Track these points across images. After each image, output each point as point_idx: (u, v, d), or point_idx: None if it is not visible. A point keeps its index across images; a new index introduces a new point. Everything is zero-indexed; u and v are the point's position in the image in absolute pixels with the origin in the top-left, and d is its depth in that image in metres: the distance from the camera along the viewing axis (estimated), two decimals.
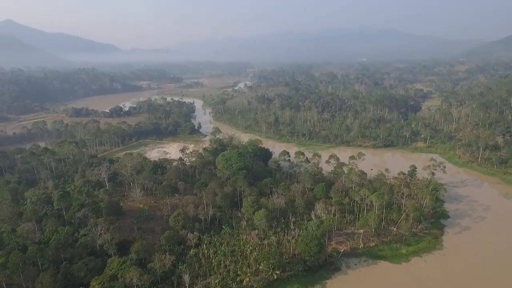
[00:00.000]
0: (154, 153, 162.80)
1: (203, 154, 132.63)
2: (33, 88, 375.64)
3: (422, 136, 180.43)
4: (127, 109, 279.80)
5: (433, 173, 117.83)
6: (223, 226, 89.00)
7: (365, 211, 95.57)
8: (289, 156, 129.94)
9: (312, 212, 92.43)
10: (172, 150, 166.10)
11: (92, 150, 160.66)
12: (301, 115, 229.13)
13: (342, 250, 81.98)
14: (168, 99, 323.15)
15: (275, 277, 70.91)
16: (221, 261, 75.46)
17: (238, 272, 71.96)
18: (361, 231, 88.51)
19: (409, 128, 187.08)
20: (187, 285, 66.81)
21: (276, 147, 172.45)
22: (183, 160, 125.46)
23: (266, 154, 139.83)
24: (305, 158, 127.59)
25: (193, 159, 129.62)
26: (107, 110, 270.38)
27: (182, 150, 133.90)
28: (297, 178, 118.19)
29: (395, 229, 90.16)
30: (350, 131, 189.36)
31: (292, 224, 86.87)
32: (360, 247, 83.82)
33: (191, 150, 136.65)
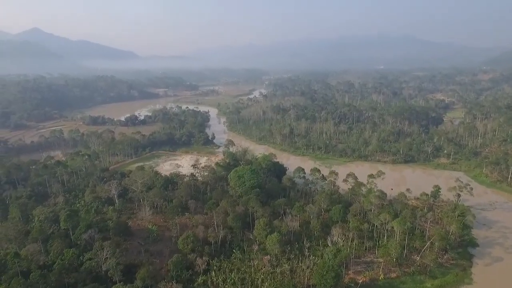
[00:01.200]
0: (166, 166, 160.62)
1: (215, 169, 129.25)
2: (54, 95, 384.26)
3: (445, 151, 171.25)
4: (142, 117, 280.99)
5: (459, 195, 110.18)
6: (234, 250, 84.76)
7: (385, 237, 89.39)
8: (304, 173, 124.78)
9: (328, 237, 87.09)
10: (184, 163, 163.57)
11: (105, 161, 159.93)
12: (317, 127, 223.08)
13: (361, 281, 76.08)
14: (183, 107, 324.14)
15: None
16: None
17: None
18: (381, 260, 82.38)
19: (431, 143, 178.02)
20: None
21: (290, 160, 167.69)
22: (194, 176, 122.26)
23: (280, 170, 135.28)
24: (321, 175, 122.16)
25: (205, 173, 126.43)
26: (123, 119, 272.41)
27: (194, 165, 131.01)
28: (312, 197, 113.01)
29: (418, 258, 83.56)
30: (368, 145, 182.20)
31: (306, 250, 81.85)
32: (380, 278, 77.60)
33: (203, 165, 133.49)
